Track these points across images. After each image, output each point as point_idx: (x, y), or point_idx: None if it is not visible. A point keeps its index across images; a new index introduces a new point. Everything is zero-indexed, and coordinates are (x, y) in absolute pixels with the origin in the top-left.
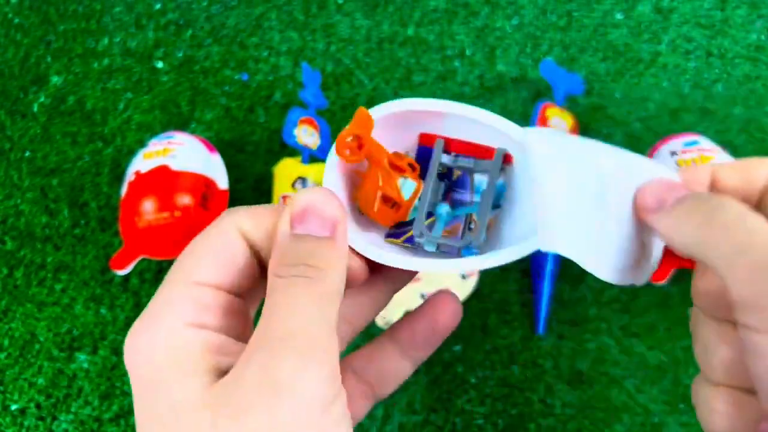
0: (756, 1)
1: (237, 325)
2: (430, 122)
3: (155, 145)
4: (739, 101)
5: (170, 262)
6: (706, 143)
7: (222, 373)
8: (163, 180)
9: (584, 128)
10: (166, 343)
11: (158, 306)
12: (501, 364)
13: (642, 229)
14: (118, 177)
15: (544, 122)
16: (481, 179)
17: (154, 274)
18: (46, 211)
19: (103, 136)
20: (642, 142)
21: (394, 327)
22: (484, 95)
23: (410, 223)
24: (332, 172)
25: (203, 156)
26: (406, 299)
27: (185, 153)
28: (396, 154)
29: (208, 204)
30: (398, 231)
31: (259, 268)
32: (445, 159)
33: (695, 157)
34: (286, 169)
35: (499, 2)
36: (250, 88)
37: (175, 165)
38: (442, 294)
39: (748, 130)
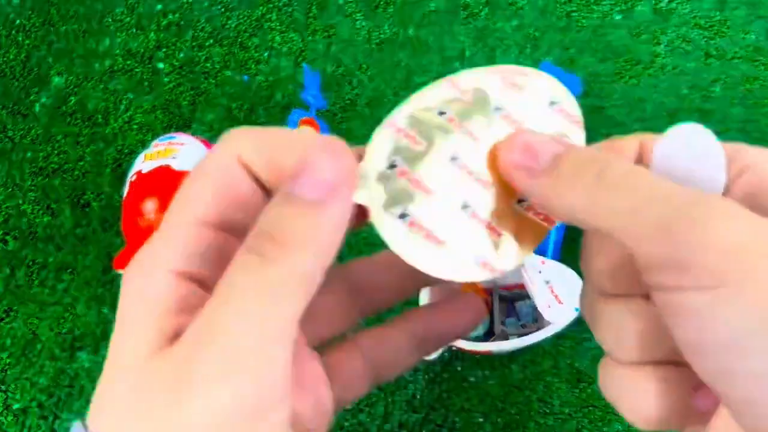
0: (754, 2)
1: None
2: None
3: (157, 146)
4: (738, 102)
5: None
6: None
7: (174, 337)
8: (164, 180)
9: None
10: (142, 287)
11: (153, 242)
12: (500, 363)
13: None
14: (120, 177)
15: None
16: (520, 304)
17: None
18: (47, 211)
19: (105, 137)
20: None
21: (410, 318)
22: None
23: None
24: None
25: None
26: None
27: (186, 153)
28: None
29: None
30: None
31: (267, 198)
32: (504, 293)
33: None
34: None
35: (499, 3)
36: (251, 88)
37: (176, 165)
38: (468, 297)
39: (746, 131)
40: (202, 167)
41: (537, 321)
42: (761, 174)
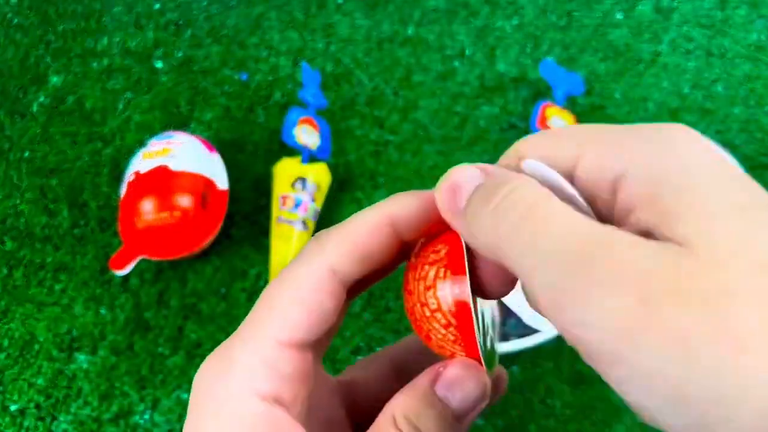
0: (756, 1)
1: (304, 390)
2: None
3: (154, 145)
4: (739, 101)
5: (170, 263)
6: None
7: None
8: (162, 180)
9: None
10: (233, 410)
11: (233, 359)
12: (501, 365)
13: None
14: (118, 177)
15: (543, 122)
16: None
17: (153, 274)
18: (45, 211)
19: (103, 136)
20: None
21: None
22: (483, 95)
23: None
24: None
25: (203, 156)
26: None
27: (185, 153)
28: None
29: (207, 204)
30: None
31: (343, 299)
32: None
33: None
34: (285, 169)
35: (499, 2)
36: (250, 87)
37: (175, 165)
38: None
39: (748, 130)
40: (288, 280)
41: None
42: (642, 182)
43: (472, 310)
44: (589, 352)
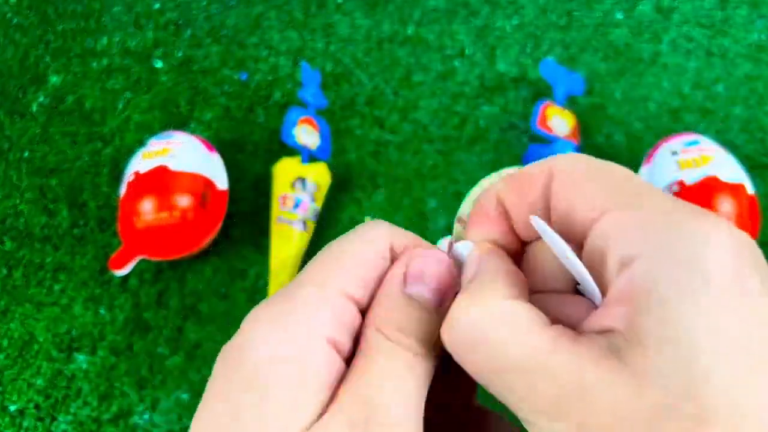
0: (756, 0)
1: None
2: None
3: (154, 144)
4: (740, 101)
5: (170, 263)
6: (706, 143)
7: (323, 411)
8: (161, 180)
9: (584, 128)
10: (302, 348)
11: (302, 300)
12: None
13: None
14: (118, 177)
15: (544, 122)
16: None
17: (153, 274)
18: (45, 211)
19: (102, 136)
20: (642, 142)
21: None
22: (484, 95)
23: None
24: None
25: (202, 156)
26: None
27: (184, 153)
28: None
29: (207, 204)
30: None
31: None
32: None
33: (696, 157)
34: (285, 169)
35: (500, 2)
36: (250, 87)
37: (174, 165)
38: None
39: (748, 130)
40: (352, 244)
41: None
42: (643, 280)
43: None
44: None
